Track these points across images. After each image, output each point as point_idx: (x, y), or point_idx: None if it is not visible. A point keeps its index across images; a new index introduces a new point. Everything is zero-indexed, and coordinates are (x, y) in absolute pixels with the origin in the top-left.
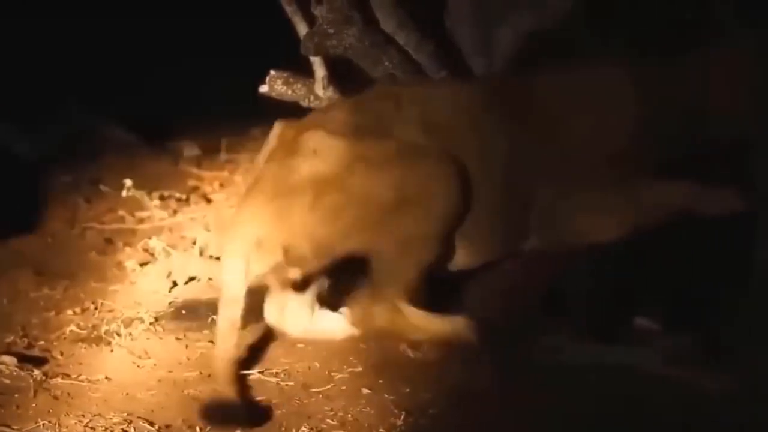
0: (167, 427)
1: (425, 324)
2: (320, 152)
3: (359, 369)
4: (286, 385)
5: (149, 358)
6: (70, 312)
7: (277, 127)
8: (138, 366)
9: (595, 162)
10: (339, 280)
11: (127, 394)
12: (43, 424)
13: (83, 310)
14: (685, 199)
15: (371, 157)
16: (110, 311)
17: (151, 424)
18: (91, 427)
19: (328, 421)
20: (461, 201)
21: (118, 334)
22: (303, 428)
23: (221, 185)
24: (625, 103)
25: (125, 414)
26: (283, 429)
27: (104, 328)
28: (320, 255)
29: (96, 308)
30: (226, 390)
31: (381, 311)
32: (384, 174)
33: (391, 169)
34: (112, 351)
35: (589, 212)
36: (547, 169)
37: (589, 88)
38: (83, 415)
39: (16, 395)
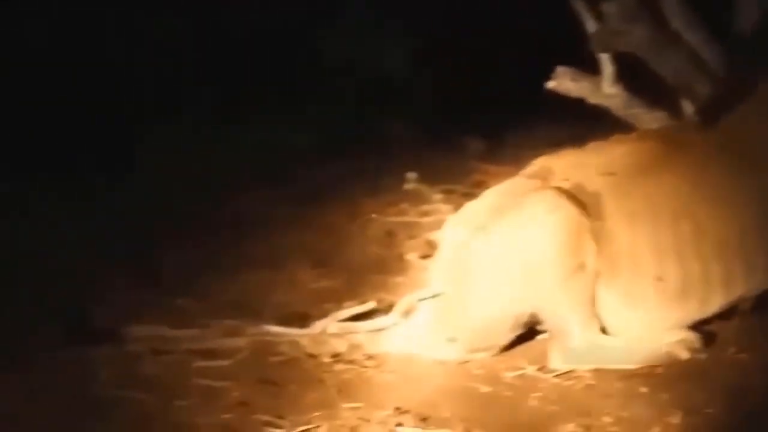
0: (442, 421)
1: (630, 349)
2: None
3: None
4: (564, 383)
5: None
6: (349, 304)
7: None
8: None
9: None
10: None
11: (405, 385)
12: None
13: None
14: None
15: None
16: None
17: (424, 419)
18: (366, 419)
19: (604, 418)
20: None
21: None
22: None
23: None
24: None
25: (400, 406)
26: (554, 422)
27: None
28: None
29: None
30: None
31: (581, 348)
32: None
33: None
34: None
35: None
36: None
37: None
38: (358, 407)
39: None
